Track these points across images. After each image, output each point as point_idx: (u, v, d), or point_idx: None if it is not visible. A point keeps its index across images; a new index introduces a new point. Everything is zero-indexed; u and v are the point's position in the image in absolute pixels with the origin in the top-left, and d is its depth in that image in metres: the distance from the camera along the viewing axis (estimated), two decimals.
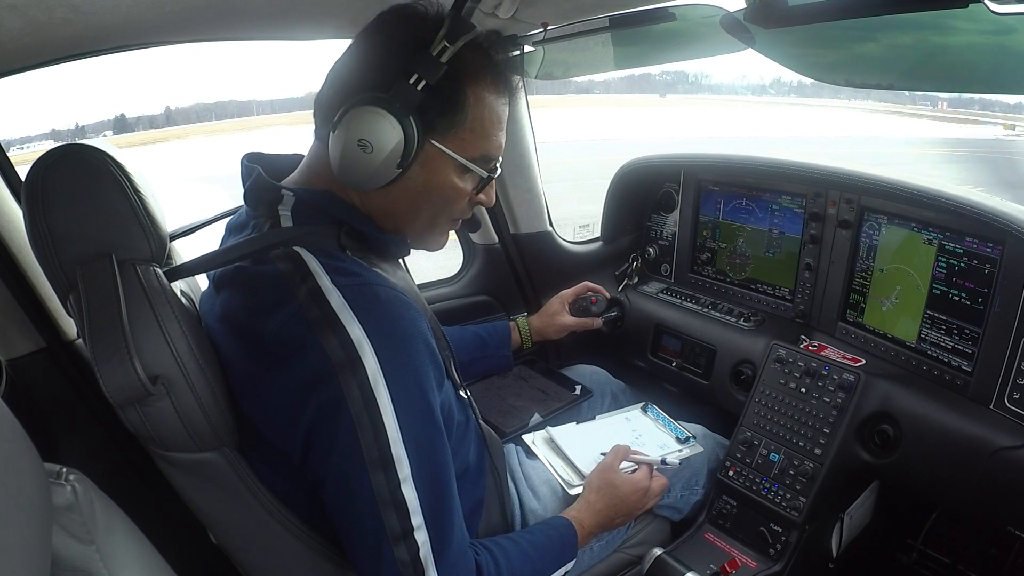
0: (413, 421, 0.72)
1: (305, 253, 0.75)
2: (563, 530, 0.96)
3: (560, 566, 0.92)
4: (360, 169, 0.74)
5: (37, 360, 1.08)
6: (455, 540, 0.76)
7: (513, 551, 0.87)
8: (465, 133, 0.78)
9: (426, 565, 0.73)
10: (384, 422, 0.70)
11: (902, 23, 0.68)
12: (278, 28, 1.15)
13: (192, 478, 0.81)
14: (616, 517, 1.04)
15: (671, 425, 1.29)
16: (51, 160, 0.72)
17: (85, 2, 0.80)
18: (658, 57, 1.37)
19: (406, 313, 0.74)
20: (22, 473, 0.40)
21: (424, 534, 0.72)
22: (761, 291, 1.50)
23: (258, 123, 21.00)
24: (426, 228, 0.85)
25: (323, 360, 0.69)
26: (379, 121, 0.71)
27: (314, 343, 0.70)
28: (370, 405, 0.69)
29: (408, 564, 0.72)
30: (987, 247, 1.06)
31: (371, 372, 0.69)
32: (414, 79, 0.72)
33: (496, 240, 1.71)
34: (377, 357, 0.69)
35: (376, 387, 0.69)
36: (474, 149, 0.79)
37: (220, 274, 0.83)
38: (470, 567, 0.78)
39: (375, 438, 0.70)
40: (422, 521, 0.72)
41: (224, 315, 0.80)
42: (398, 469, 0.70)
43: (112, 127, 24.91)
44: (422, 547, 0.72)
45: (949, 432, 1.05)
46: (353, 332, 0.70)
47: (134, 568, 0.52)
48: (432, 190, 0.80)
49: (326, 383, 0.69)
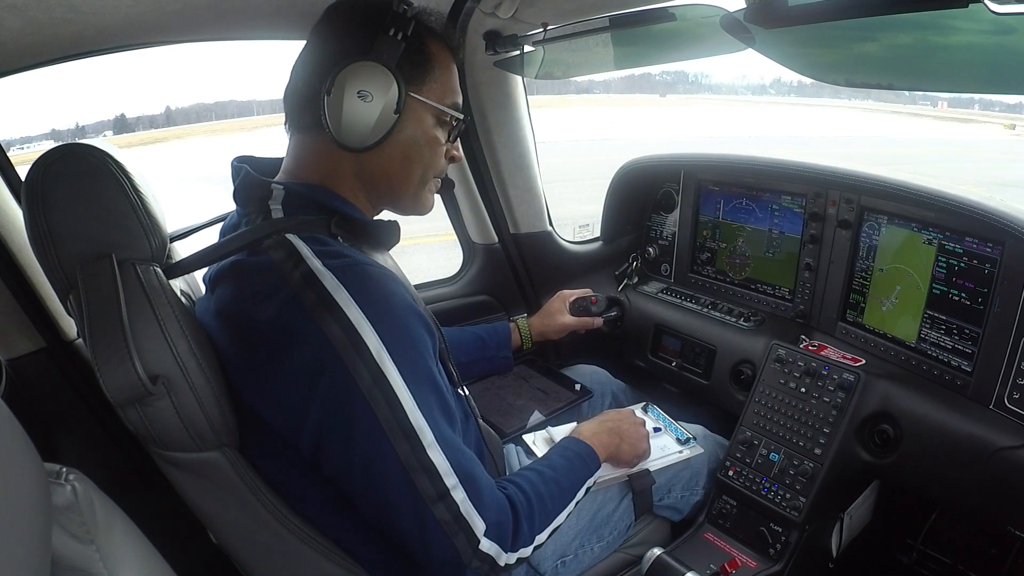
0: (423, 389, 0.74)
1: (295, 239, 0.76)
2: (575, 445, 1.00)
3: (586, 479, 0.96)
4: (363, 119, 0.78)
5: (37, 360, 1.08)
6: (485, 486, 0.79)
7: (535, 478, 0.90)
8: (435, 84, 0.85)
9: (469, 517, 0.76)
10: (398, 395, 0.71)
11: (902, 23, 0.68)
12: (278, 28, 1.15)
13: (192, 478, 0.81)
14: (615, 437, 1.07)
15: (672, 426, 1.29)
16: (51, 160, 0.72)
17: (85, 2, 0.80)
18: (658, 57, 1.37)
19: (397, 289, 0.77)
20: (22, 473, 0.40)
21: (461, 491, 0.75)
22: (761, 291, 1.50)
23: (258, 123, 20.99)
24: (419, 185, 0.88)
25: (324, 345, 0.70)
26: (374, 71, 0.77)
27: (313, 329, 0.70)
28: (380, 381, 0.71)
29: (451, 522, 0.75)
30: (987, 247, 1.06)
31: (374, 349, 0.71)
32: (391, 32, 0.78)
33: (496, 240, 1.71)
34: (377, 333, 0.71)
35: (383, 363, 0.71)
36: (444, 97, 0.86)
37: (215, 272, 0.83)
38: (503, 505, 0.82)
39: (392, 412, 0.71)
40: (456, 481, 0.75)
41: (220, 310, 0.80)
42: (421, 437, 0.72)
43: (112, 127, 24.91)
44: (461, 504, 0.75)
45: (949, 432, 1.05)
46: (351, 313, 0.71)
47: (134, 568, 0.52)
48: (420, 141, 0.85)
49: (332, 368, 0.70)
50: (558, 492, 0.91)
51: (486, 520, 0.77)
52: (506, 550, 0.80)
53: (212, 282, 0.84)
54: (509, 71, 1.43)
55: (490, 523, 0.78)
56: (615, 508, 1.13)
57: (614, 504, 1.13)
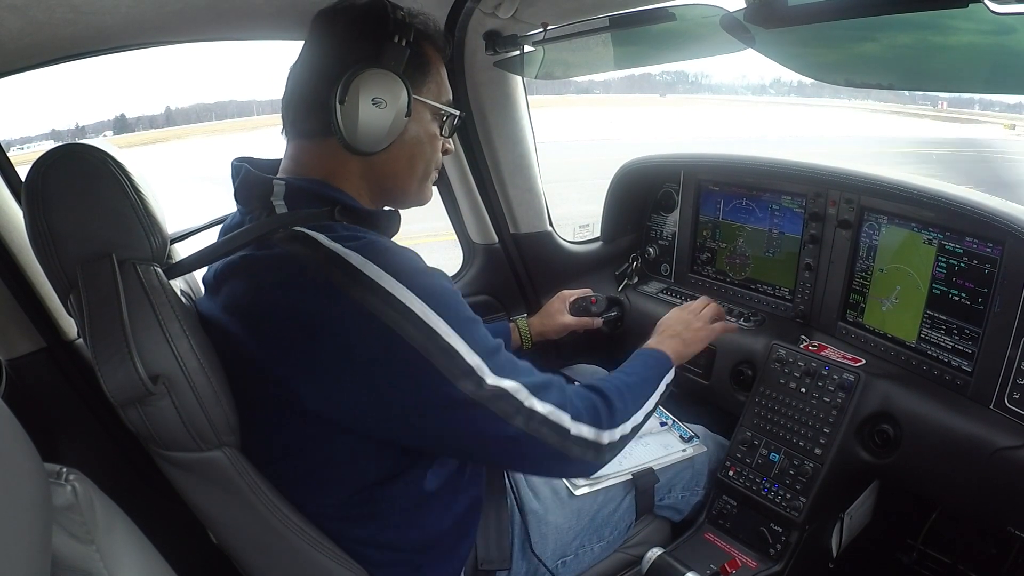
0: (470, 329, 0.76)
1: (309, 231, 0.77)
2: (642, 352, 1.07)
3: (662, 374, 1.03)
4: (379, 125, 0.81)
5: (37, 360, 1.08)
6: (560, 386, 0.84)
7: (613, 376, 0.97)
8: (432, 84, 0.89)
9: (552, 414, 0.80)
10: (450, 343, 0.73)
11: (902, 23, 0.68)
12: (278, 28, 1.15)
13: (192, 477, 0.81)
14: (678, 342, 1.11)
15: (675, 425, 1.29)
16: (51, 160, 0.72)
17: (85, 2, 0.80)
18: (658, 57, 1.37)
19: (418, 256, 0.80)
20: (22, 473, 0.40)
21: (542, 404, 0.79)
22: (761, 291, 1.50)
23: (258, 123, 20.99)
24: (421, 180, 0.93)
25: (368, 317, 0.71)
26: (386, 79, 0.80)
27: (349, 304, 0.71)
28: (432, 335, 0.72)
29: (537, 426, 0.79)
30: (987, 247, 1.06)
31: (417, 309, 0.72)
32: (396, 39, 0.81)
33: (496, 240, 1.71)
34: (415, 293, 0.73)
35: (428, 318, 0.73)
36: (440, 96, 0.90)
37: (221, 268, 0.83)
38: (586, 393, 0.88)
39: (451, 360, 0.73)
40: (528, 393, 0.78)
41: (232, 306, 0.79)
42: (482, 373, 0.75)
43: (112, 127, 24.88)
44: (550, 415, 0.79)
45: (949, 432, 1.05)
46: (384, 282, 0.72)
47: (134, 568, 0.52)
48: (422, 139, 0.89)
49: (381, 336, 0.71)
50: (639, 382, 0.97)
51: (570, 411, 0.82)
52: (603, 428, 0.85)
53: (217, 279, 0.84)
54: (509, 71, 1.43)
55: (575, 411, 0.83)
56: (616, 508, 1.13)
57: (615, 504, 1.14)
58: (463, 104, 1.48)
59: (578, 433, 0.82)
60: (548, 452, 0.80)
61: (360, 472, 0.83)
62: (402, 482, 0.86)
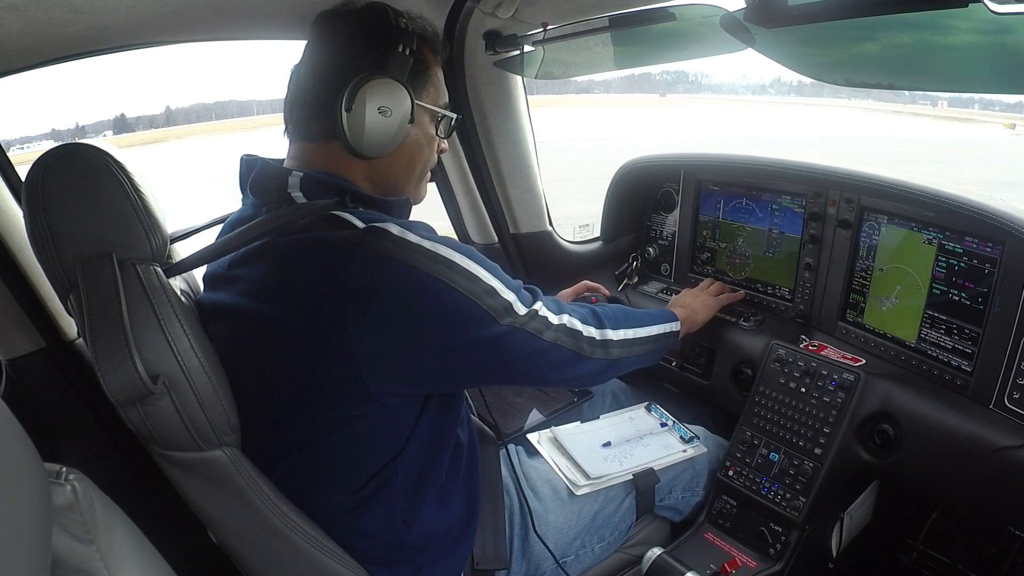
0: (500, 275, 0.85)
1: (342, 213, 0.80)
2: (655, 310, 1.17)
3: (661, 320, 1.13)
4: (383, 132, 0.84)
5: (37, 360, 1.08)
6: (573, 308, 0.97)
7: (612, 307, 1.09)
8: (431, 88, 0.92)
9: (571, 324, 0.93)
10: (492, 285, 0.82)
11: (902, 23, 0.68)
12: (278, 28, 1.15)
13: (192, 477, 0.81)
14: (687, 310, 1.24)
15: (676, 425, 1.29)
16: (51, 160, 0.72)
17: (85, 2, 0.80)
18: (658, 57, 1.37)
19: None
20: (22, 473, 0.40)
21: (558, 317, 0.91)
22: (761, 291, 1.50)
23: (258, 123, 21.00)
24: (418, 180, 0.97)
25: (417, 272, 0.77)
26: (391, 88, 0.83)
27: (399, 266, 0.76)
28: (475, 280, 0.81)
29: (563, 336, 0.91)
30: (987, 247, 1.06)
31: (458, 260, 0.80)
32: (401, 48, 0.84)
33: (496, 240, 1.71)
34: (455, 251, 0.80)
35: (468, 266, 0.81)
36: (438, 99, 0.94)
37: (237, 258, 0.84)
38: (586, 309, 1.00)
39: (494, 298, 0.82)
40: (547, 311, 0.90)
41: (257, 290, 0.81)
42: (517, 306, 0.85)
43: (112, 127, 24.91)
44: (567, 323, 0.93)
45: (949, 432, 1.05)
46: (426, 244, 0.79)
47: (134, 568, 0.52)
48: (422, 142, 0.93)
49: (431, 288, 0.78)
50: (635, 314, 1.09)
51: (577, 317, 0.96)
52: (605, 328, 1.00)
53: (232, 269, 0.84)
54: (509, 71, 1.43)
55: (581, 317, 0.96)
56: (617, 508, 1.13)
57: (616, 504, 1.14)
58: (463, 104, 1.48)
59: (588, 334, 0.96)
60: (569, 356, 0.93)
61: (360, 472, 0.84)
62: (402, 482, 0.86)
